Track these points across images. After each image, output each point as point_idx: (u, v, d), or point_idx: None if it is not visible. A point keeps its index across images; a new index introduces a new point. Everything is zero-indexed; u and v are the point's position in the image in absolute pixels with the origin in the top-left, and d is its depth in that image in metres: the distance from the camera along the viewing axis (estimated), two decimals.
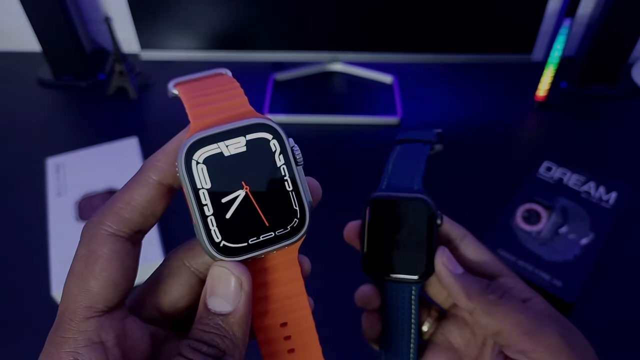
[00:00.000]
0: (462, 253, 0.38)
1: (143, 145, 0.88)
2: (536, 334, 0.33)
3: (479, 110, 1.00)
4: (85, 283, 0.24)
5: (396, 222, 0.38)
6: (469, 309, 0.35)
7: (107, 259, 0.24)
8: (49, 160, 0.85)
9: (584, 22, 1.03)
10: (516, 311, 0.34)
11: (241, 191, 0.25)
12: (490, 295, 0.35)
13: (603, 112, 1.00)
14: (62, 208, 0.78)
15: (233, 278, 0.24)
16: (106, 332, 0.24)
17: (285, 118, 0.97)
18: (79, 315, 0.23)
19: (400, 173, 0.39)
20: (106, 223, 0.25)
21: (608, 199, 0.79)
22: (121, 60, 0.98)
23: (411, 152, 0.40)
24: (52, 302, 0.70)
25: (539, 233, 0.76)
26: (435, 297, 0.40)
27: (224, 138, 0.25)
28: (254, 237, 0.25)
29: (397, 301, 0.38)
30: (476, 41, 0.94)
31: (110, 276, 0.24)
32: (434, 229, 0.37)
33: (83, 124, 1.00)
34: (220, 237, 0.25)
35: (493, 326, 0.34)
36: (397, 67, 1.04)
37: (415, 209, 0.37)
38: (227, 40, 0.94)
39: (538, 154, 0.86)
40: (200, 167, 0.24)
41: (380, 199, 0.38)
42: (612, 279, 0.74)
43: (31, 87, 1.05)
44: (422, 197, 0.37)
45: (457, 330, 0.39)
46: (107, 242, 0.24)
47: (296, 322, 0.28)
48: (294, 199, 0.25)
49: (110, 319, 0.24)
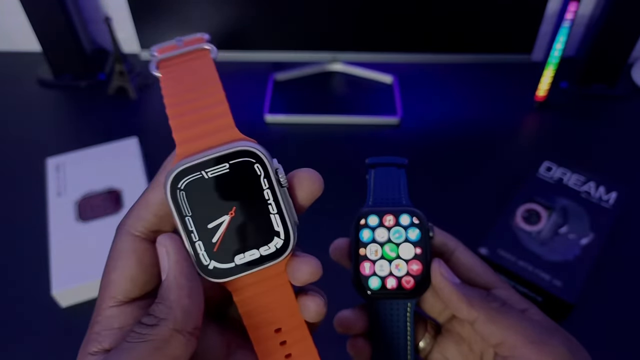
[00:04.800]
0: (455, 265, 0.37)
1: (143, 146, 0.88)
2: (542, 343, 0.31)
3: (479, 110, 1.00)
4: (108, 276, 0.27)
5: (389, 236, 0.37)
6: (471, 318, 0.33)
7: (125, 256, 0.27)
8: (49, 160, 0.85)
9: (584, 22, 1.03)
10: (520, 319, 0.33)
11: (226, 216, 0.26)
12: (493, 303, 0.33)
13: (603, 112, 1.00)
14: (62, 208, 0.78)
15: (161, 248, 0.26)
16: (126, 319, 0.26)
17: (285, 118, 0.97)
18: (104, 303, 0.27)
19: (385, 189, 0.38)
20: (127, 223, 0.27)
21: (608, 199, 0.79)
22: (121, 61, 0.98)
23: (389, 172, 0.39)
24: (52, 302, 0.70)
25: (539, 233, 0.75)
26: (429, 311, 0.39)
27: (208, 166, 0.26)
28: (241, 258, 0.27)
29: (391, 319, 0.37)
30: (476, 41, 0.93)
31: (128, 271, 0.27)
32: (427, 241, 0.36)
33: (83, 124, 1.00)
34: (208, 260, 0.27)
35: (497, 336, 0.33)
36: (397, 67, 1.04)
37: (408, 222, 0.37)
38: (227, 40, 0.94)
39: (538, 154, 0.86)
40: (183, 195, 0.26)
41: (368, 213, 0.37)
42: (612, 279, 0.74)
43: (31, 87, 1.05)
44: (413, 210, 0.37)
45: (454, 346, 0.38)
46: (126, 240, 0.27)
47: (289, 327, 0.29)
48: (277, 221, 0.27)
49: (132, 309, 0.27)
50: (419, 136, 0.95)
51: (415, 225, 0.36)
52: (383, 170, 0.39)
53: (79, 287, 0.70)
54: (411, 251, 0.36)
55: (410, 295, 0.36)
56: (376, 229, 0.36)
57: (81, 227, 0.76)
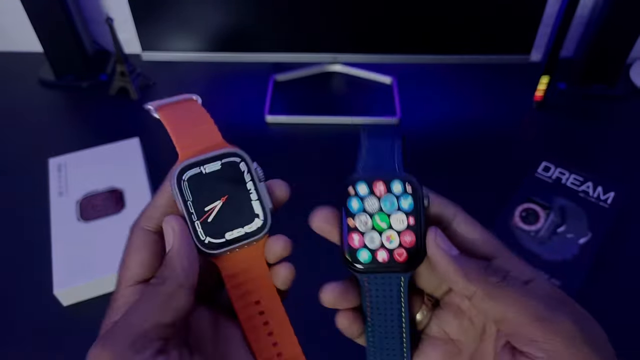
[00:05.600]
0: (453, 234, 0.34)
1: (144, 146, 0.88)
2: (547, 320, 0.29)
3: (478, 110, 1.00)
4: (126, 262, 0.34)
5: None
6: (468, 293, 0.31)
7: (138, 246, 0.33)
8: (50, 160, 0.85)
9: (583, 22, 1.03)
10: (522, 294, 0.30)
11: (219, 202, 0.34)
12: (492, 276, 0.31)
13: (601, 112, 1.00)
14: (64, 208, 0.78)
15: (168, 226, 0.33)
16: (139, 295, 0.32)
17: (286, 119, 0.97)
18: (122, 284, 0.33)
19: (377, 156, 0.35)
20: (139, 222, 0.34)
21: (606, 198, 0.79)
22: (123, 61, 0.98)
23: (384, 138, 0.36)
24: (53, 301, 0.71)
25: (537, 232, 0.76)
26: (424, 286, 0.36)
27: (205, 163, 0.34)
28: (230, 234, 0.34)
29: (383, 295, 0.34)
30: (475, 42, 0.94)
31: (141, 258, 0.33)
32: (422, 210, 0.33)
33: (84, 125, 1.01)
34: (204, 236, 0.33)
35: (496, 312, 0.30)
36: (396, 68, 1.05)
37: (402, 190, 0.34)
38: (228, 41, 0.95)
39: (536, 154, 0.86)
40: (186, 184, 0.33)
41: (358, 180, 0.34)
42: (610, 278, 0.74)
43: (33, 88, 1.06)
44: (406, 176, 0.34)
45: (454, 319, 0.35)
46: (139, 235, 0.34)
47: (266, 298, 0.35)
48: (257, 207, 0.34)
49: (144, 286, 0.33)
50: (418, 136, 0.95)
51: (408, 193, 0.33)
52: (376, 134, 0.36)
53: (81, 286, 0.70)
54: (404, 221, 0.33)
55: (404, 269, 0.34)
56: (366, 198, 0.34)
57: (83, 226, 0.76)
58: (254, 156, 0.35)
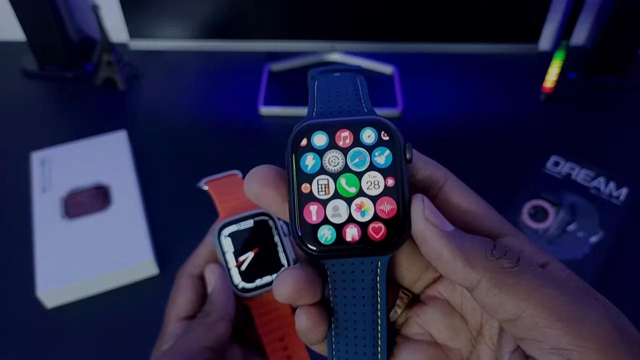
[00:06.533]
0: (443, 204, 0.27)
1: (132, 139, 0.87)
2: (576, 321, 0.22)
3: (484, 102, 1.00)
4: (174, 301, 0.43)
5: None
6: (470, 284, 0.24)
7: (185, 288, 0.43)
8: (33, 154, 0.84)
9: (595, 10, 1.02)
10: (545, 284, 0.23)
11: (251, 253, 0.42)
12: (504, 260, 0.24)
13: (613, 104, 0.99)
14: (48, 205, 0.78)
15: (209, 272, 0.43)
16: (184, 329, 0.41)
17: (281, 110, 0.96)
18: (171, 320, 0.42)
19: (336, 95, 0.27)
20: (186, 267, 0.44)
21: (618, 195, 0.78)
22: (109, 50, 0.97)
23: (341, 78, 0.28)
24: (37, 303, 0.70)
25: (546, 231, 0.75)
26: (399, 278, 0.29)
27: (240, 221, 0.43)
28: (260, 280, 0.42)
29: (353, 286, 0.26)
30: (480, 30, 0.93)
31: (187, 298, 0.42)
32: (404, 166, 0.25)
33: (69, 117, 1.00)
34: (239, 280, 0.42)
35: (508, 309, 0.23)
36: (397, 57, 1.04)
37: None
38: (219, 29, 0.94)
39: (545, 148, 0.86)
40: (224, 238, 0.42)
41: (312, 129, 0.26)
42: (622, 278, 0.74)
43: (15, 78, 1.05)
44: (378, 119, 0.25)
45: (441, 318, 0.28)
46: (186, 279, 0.43)
47: (288, 335, 0.43)
48: (283, 257, 0.43)
49: (188, 323, 0.42)
50: (421, 129, 0.95)
51: (384, 143, 0.25)
52: (333, 76, 0.28)
53: (66, 287, 0.70)
54: (380, 183, 0.25)
55: (381, 250, 0.25)
56: (325, 153, 0.25)
57: (67, 224, 0.75)
58: (248, 149, 0.35)
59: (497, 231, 0.26)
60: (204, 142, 0.92)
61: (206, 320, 0.40)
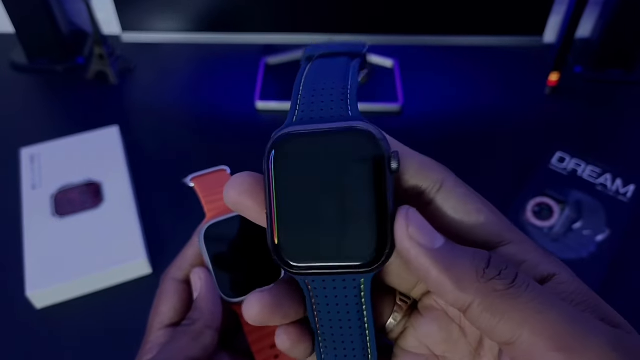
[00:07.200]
0: (439, 209, 0.25)
1: (124, 135, 0.87)
2: (578, 350, 0.21)
3: (487, 96, 0.99)
4: (157, 308, 0.41)
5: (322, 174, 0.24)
6: (461, 305, 0.23)
7: (169, 294, 0.41)
8: (23, 150, 0.84)
9: (601, 2, 1.02)
10: (543, 308, 0.22)
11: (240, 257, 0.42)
12: (497, 279, 0.22)
13: (620, 98, 0.99)
14: (37, 202, 0.77)
15: (195, 276, 0.41)
16: (169, 337, 0.39)
17: (278, 105, 0.96)
18: (154, 328, 0.40)
19: (320, 96, 0.25)
20: (170, 272, 0.43)
21: (625, 192, 0.78)
22: (101, 43, 0.97)
23: (332, 67, 0.26)
24: (26, 303, 0.70)
25: (551, 229, 0.75)
26: (396, 284, 0.28)
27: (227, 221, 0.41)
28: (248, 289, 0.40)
29: (336, 302, 0.25)
30: (483, 22, 0.93)
31: (172, 304, 0.41)
32: (386, 178, 0.23)
33: (60, 112, 0.99)
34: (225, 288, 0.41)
35: (503, 332, 0.22)
36: (398, 50, 1.04)
37: (353, 148, 0.24)
38: (214, 21, 0.93)
39: (550, 143, 0.86)
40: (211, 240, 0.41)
41: (292, 138, 0.25)
42: (629, 277, 0.73)
43: (4, 72, 1.04)
44: (361, 127, 0.24)
45: (438, 330, 0.27)
46: (170, 284, 0.42)
47: None
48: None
49: (172, 330, 0.40)
50: (422, 124, 0.94)
51: (365, 153, 0.24)
52: (322, 63, 0.27)
53: (56, 287, 0.70)
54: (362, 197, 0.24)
55: (363, 269, 0.24)
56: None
57: (58, 222, 0.75)
58: (244, 144, 0.34)
59: (497, 239, 0.25)
60: (199, 138, 0.91)
61: (192, 329, 0.39)
